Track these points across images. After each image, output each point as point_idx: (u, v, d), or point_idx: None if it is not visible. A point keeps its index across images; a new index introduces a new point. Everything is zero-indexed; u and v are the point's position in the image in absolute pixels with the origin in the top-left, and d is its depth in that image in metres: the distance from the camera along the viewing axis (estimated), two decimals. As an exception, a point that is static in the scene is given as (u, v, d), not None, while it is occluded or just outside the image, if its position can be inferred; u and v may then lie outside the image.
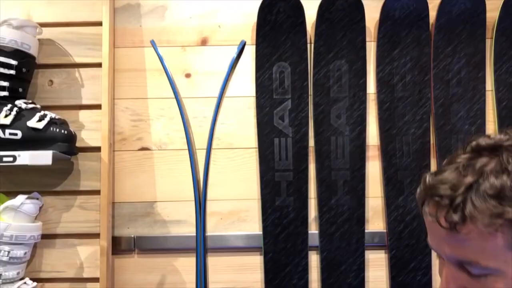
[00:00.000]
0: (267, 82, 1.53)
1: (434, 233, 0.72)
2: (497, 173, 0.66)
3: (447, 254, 0.71)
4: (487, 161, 0.68)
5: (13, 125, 1.33)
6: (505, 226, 0.65)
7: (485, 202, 0.65)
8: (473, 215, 0.65)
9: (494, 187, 0.65)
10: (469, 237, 0.67)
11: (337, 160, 1.52)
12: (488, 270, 0.68)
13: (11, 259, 1.32)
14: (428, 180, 0.72)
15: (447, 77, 1.52)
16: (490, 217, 0.65)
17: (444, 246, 0.71)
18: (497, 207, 0.64)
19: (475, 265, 0.68)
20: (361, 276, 1.50)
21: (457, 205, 0.66)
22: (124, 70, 1.56)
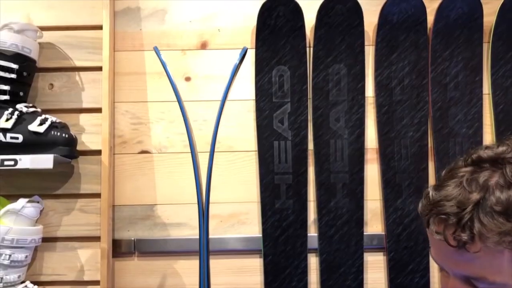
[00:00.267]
0: (266, 85, 1.55)
1: (440, 250, 0.73)
2: (502, 187, 0.67)
3: (453, 271, 0.72)
4: (490, 174, 0.69)
5: (14, 129, 1.33)
6: None
7: (493, 220, 0.65)
8: (482, 233, 0.66)
9: (501, 203, 0.66)
10: (477, 255, 0.67)
11: (336, 163, 1.54)
12: (495, 285, 0.68)
13: (12, 262, 1.32)
14: (431, 195, 0.72)
15: (445, 81, 1.54)
16: (499, 235, 0.65)
17: (451, 263, 0.71)
18: (505, 224, 0.65)
19: (482, 281, 0.69)
20: (360, 278, 1.52)
21: (465, 224, 0.66)
22: (124, 73, 1.57)
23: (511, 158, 0.69)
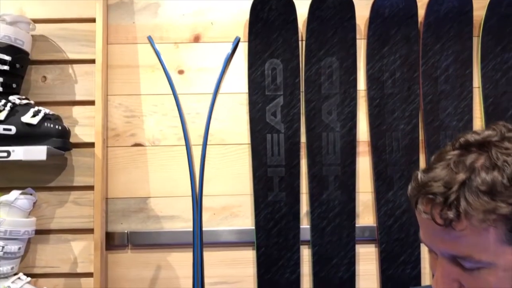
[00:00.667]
0: (259, 78, 1.56)
1: (428, 230, 0.74)
2: (487, 169, 0.69)
3: (441, 250, 0.73)
4: (477, 157, 0.70)
5: (7, 120, 1.33)
6: (498, 221, 0.67)
7: (478, 199, 0.67)
8: (468, 211, 0.67)
9: (486, 183, 0.67)
10: (463, 233, 0.69)
11: (328, 155, 1.55)
12: (481, 264, 0.70)
13: (5, 254, 1.32)
14: (420, 177, 0.74)
15: (436, 74, 1.56)
16: (484, 213, 0.67)
17: (438, 242, 0.73)
18: (490, 203, 0.67)
19: (468, 259, 0.70)
20: (352, 270, 1.53)
21: (451, 202, 0.68)
22: (117, 66, 1.57)
23: (496, 141, 0.71)
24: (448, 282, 0.74)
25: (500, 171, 0.68)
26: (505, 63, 1.55)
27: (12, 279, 1.35)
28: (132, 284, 1.53)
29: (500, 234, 0.68)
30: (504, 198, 0.67)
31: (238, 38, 1.25)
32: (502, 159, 0.69)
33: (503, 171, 0.68)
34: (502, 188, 0.67)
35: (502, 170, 0.68)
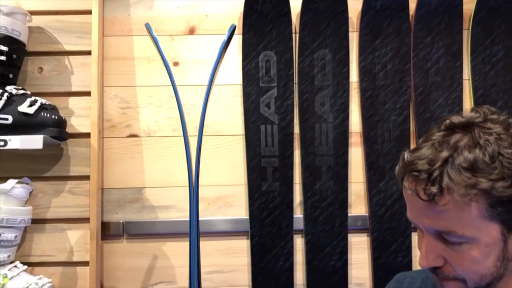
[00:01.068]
0: (253, 70, 1.58)
1: (414, 206, 0.77)
2: (470, 147, 0.71)
3: (425, 225, 0.76)
4: (461, 137, 0.73)
5: (4, 110, 1.35)
6: (479, 196, 0.70)
7: (460, 174, 0.70)
8: (450, 186, 0.70)
9: (468, 160, 0.70)
10: (446, 208, 0.71)
11: (321, 146, 1.57)
12: (464, 239, 0.73)
13: (2, 242, 1.33)
14: (406, 157, 0.76)
15: (426, 66, 1.58)
16: (465, 188, 0.70)
17: (423, 218, 0.75)
18: (471, 178, 0.69)
19: (452, 234, 0.73)
20: (344, 258, 1.56)
21: (434, 178, 0.71)
22: (113, 58, 1.59)
23: (480, 122, 0.74)
24: (433, 258, 0.76)
25: (481, 149, 0.71)
26: (494, 56, 1.58)
27: (8, 267, 1.36)
28: (128, 273, 1.55)
29: (481, 210, 0.71)
30: (485, 174, 0.70)
31: (234, 25, 1.28)
32: (484, 138, 0.72)
33: (485, 150, 0.71)
34: (483, 165, 0.70)
35: (484, 149, 0.71)
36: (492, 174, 0.70)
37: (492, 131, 0.73)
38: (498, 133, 0.73)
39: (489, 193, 0.70)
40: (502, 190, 0.70)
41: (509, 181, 0.70)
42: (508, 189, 0.70)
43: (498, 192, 0.70)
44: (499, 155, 0.71)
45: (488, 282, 0.76)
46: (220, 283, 1.56)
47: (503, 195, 0.70)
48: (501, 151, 0.71)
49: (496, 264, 0.75)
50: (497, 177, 0.70)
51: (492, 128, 0.73)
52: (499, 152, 0.71)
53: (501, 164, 0.70)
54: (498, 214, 0.71)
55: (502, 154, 0.71)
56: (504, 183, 0.70)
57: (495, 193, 0.70)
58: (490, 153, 0.71)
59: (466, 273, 0.75)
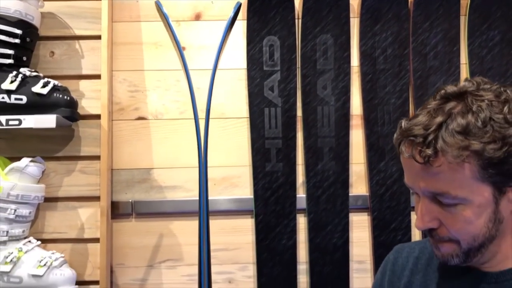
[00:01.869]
0: (257, 55, 1.63)
1: (410, 171, 0.82)
2: (463, 113, 0.76)
3: (421, 188, 0.81)
4: (455, 105, 0.78)
5: (18, 90, 1.40)
6: (471, 157, 0.75)
7: (453, 137, 0.75)
8: (444, 148, 0.75)
9: (461, 125, 0.75)
10: (440, 169, 0.76)
11: (323, 128, 1.63)
12: (457, 200, 0.78)
13: (17, 217, 1.39)
14: (403, 124, 0.81)
15: (425, 50, 1.64)
16: (458, 149, 0.75)
17: (419, 180, 0.80)
18: (464, 141, 0.74)
19: (446, 196, 0.78)
20: (345, 237, 1.61)
21: (429, 142, 0.76)
22: (121, 43, 1.64)
23: (473, 91, 0.79)
24: (429, 220, 0.81)
25: (474, 115, 0.76)
26: (491, 40, 1.63)
27: (23, 241, 1.42)
28: (136, 251, 1.61)
29: (474, 171, 0.76)
30: (477, 137, 0.74)
31: (240, 3, 1.33)
32: (476, 104, 0.77)
33: (477, 115, 0.76)
34: (476, 129, 0.75)
35: (477, 114, 0.76)
36: (484, 137, 0.74)
37: (484, 98, 0.78)
38: (490, 100, 0.77)
39: (481, 154, 0.75)
40: (493, 152, 0.74)
41: (499, 143, 0.75)
42: (498, 151, 0.74)
43: (489, 153, 0.74)
44: (490, 120, 0.76)
45: (481, 243, 0.81)
46: (225, 261, 1.62)
47: (493, 156, 0.74)
48: (492, 116, 0.76)
49: (488, 225, 0.79)
50: (489, 140, 0.74)
51: (484, 95, 0.78)
52: (491, 117, 0.76)
53: (492, 128, 0.75)
54: (490, 176, 0.76)
55: (493, 119, 0.76)
56: (494, 146, 0.74)
57: (486, 154, 0.74)
58: (482, 118, 0.75)
59: (459, 233, 0.80)
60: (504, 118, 0.76)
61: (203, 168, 1.51)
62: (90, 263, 1.54)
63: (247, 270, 1.62)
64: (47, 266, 1.37)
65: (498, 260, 0.85)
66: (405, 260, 0.99)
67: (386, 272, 1.02)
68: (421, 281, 0.95)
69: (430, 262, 0.95)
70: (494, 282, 0.85)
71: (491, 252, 0.83)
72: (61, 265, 1.41)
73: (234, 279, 1.62)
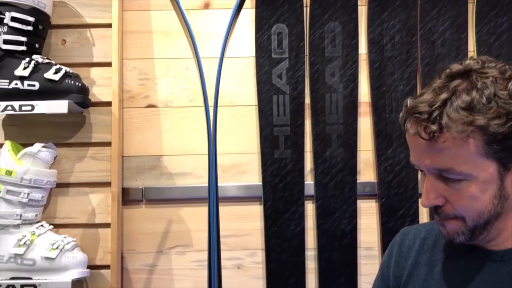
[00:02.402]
0: (266, 43, 1.65)
1: (416, 148, 0.83)
2: (468, 90, 0.77)
3: (427, 165, 0.81)
4: (460, 83, 0.79)
5: (31, 77, 1.43)
6: (475, 133, 0.76)
7: (458, 113, 0.76)
8: (448, 124, 0.76)
9: (466, 101, 0.76)
10: (445, 145, 0.77)
11: (331, 115, 1.64)
12: (462, 175, 0.78)
13: (30, 201, 1.41)
14: (409, 103, 0.82)
15: (433, 38, 1.64)
16: (463, 125, 0.75)
17: (425, 157, 0.81)
18: (468, 117, 0.75)
19: (451, 172, 0.79)
20: (353, 223, 1.62)
21: (434, 118, 0.77)
22: (131, 32, 1.66)
23: (478, 68, 0.80)
24: (434, 197, 0.82)
25: (479, 92, 0.76)
26: (499, 27, 1.63)
27: (36, 225, 1.44)
28: (146, 237, 1.63)
29: (478, 147, 0.76)
30: (481, 113, 0.75)
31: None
32: (481, 81, 0.77)
33: (482, 92, 0.76)
34: (480, 105, 0.76)
35: (481, 91, 0.77)
36: (488, 113, 0.75)
37: (489, 75, 0.78)
38: (495, 77, 0.78)
39: (485, 130, 0.75)
40: (497, 127, 0.75)
41: (503, 119, 0.75)
42: (503, 127, 0.75)
43: (494, 129, 0.75)
44: (495, 96, 0.76)
45: (486, 220, 0.81)
46: (234, 247, 1.63)
47: (498, 131, 0.75)
48: (497, 92, 0.76)
49: (494, 202, 0.80)
50: (493, 116, 0.75)
51: (489, 72, 0.79)
52: (495, 94, 0.76)
53: (496, 104, 0.76)
54: (494, 151, 0.77)
55: (498, 96, 0.76)
56: (499, 121, 0.75)
57: (490, 129, 0.75)
58: (486, 94, 0.76)
59: (465, 210, 0.81)
60: (508, 94, 0.77)
61: (212, 155, 1.54)
62: (101, 248, 1.56)
63: (255, 256, 1.63)
64: (59, 249, 1.40)
65: (503, 238, 0.85)
66: (412, 241, 1.00)
67: (393, 253, 1.03)
68: (428, 261, 0.95)
69: (437, 243, 0.96)
70: (500, 260, 0.85)
71: (497, 230, 0.84)
72: (73, 249, 1.44)
73: (243, 265, 1.63)
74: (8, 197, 1.39)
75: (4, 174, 1.38)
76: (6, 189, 1.39)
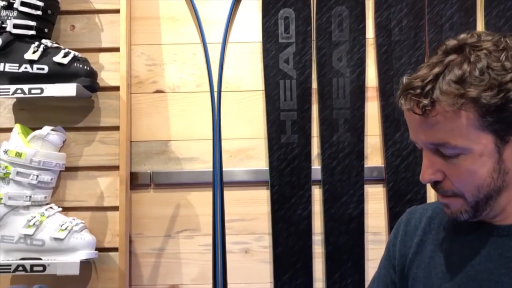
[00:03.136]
0: (273, 27, 1.65)
1: (412, 125, 0.83)
2: (460, 64, 0.77)
3: (423, 141, 0.82)
4: (454, 57, 0.78)
5: (40, 60, 1.45)
6: (467, 105, 0.75)
7: (449, 87, 0.76)
8: (439, 98, 0.76)
9: (457, 75, 0.76)
10: (437, 119, 0.77)
11: (338, 100, 1.64)
12: (458, 149, 0.78)
13: (39, 183, 1.43)
14: (404, 81, 0.82)
15: (441, 21, 1.63)
16: (454, 97, 0.75)
17: (420, 133, 0.81)
18: (459, 89, 0.75)
19: (446, 146, 0.78)
20: (360, 207, 1.61)
21: (426, 92, 0.77)
22: (139, 18, 1.68)
23: (472, 42, 0.79)
24: (432, 172, 0.82)
25: (471, 65, 0.76)
26: (508, 10, 1.62)
27: (45, 207, 1.46)
28: (154, 221, 1.64)
29: (471, 119, 0.76)
30: (473, 86, 0.75)
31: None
32: (474, 54, 0.77)
33: (475, 65, 0.76)
34: (472, 78, 0.75)
35: (474, 64, 0.76)
36: (480, 85, 0.75)
37: (483, 48, 0.78)
38: (489, 49, 0.77)
39: (477, 101, 0.75)
40: (489, 98, 0.74)
41: (495, 90, 0.75)
42: (495, 98, 0.74)
43: (486, 100, 0.74)
44: (488, 68, 0.76)
45: (486, 195, 0.81)
46: (241, 231, 1.64)
47: (490, 103, 0.74)
48: (490, 65, 0.76)
49: (493, 175, 0.79)
50: (485, 88, 0.75)
51: (483, 45, 0.78)
52: (488, 66, 0.76)
53: (489, 76, 0.75)
54: (489, 124, 0.76)
55: (491, 68, 0.76)
56: (491, 92, 0.74)
57: (483, 101, 0.74)
58: (479, 67, 0.75)
59: (463, 185, 0.81)
60: (501, 66, 0.76)
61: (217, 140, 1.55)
62: (109, 231, 1.58)
63: (263, 240, 1.64)
64: (68, 230, 1.42)
65: (509, 213, 0.85)
66: (418, 220, 1.00)
67: (399, 232, 1.02)
68: (434, 239, 0.95)
69: (443, 221, 0.96)
70: (506, 235, 0.85)
71: (501, 205, 0.84)
72: (81, 230, 1.45)
73: (250, 249, 1.64)
74: (18, 178, 1.41)
75: (14, 156, 1.40)
76: (16, 170, 1.40)
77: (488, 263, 0.84)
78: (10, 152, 1.40)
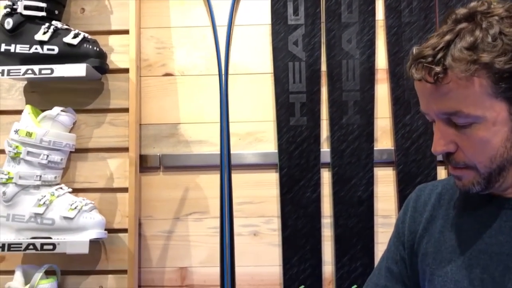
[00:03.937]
0: (282, 9, 1.64)
1: (423, 95, 0.82)
2: (472, 31, 0.76)
3: (435, 111, 0.80)
4: (466, 25, 0.77)
5: (51, 41, 1.46)
6: (480, 71, 0.74)
7: (461, 53, 0.74)
8: (452, 65, 0.75)
9: (470, 42, 0.75)
10: (450, 87, 0.76)
11: (348, 82, 1.63)
12: (471, 118, 0.77)
13: (50, 163, 1.44)
14: (414, 50, 0.81)
15: (451, 3, 1.61)
16: (467, 63, 0.74)
17: (432, 103, 0.80)
18: (472, 55, 0.74)
19: (459, 114, 0.77)
20: (370, 190, 1.60)
21: (438, 60, 0.76)
22: (149, 0, 1.68)
23: (483, 9, 0.78)
24: (444, 143, 0.81)
25: (483, 31, 0.75)
26: (521, -10, 1.59)
27: (55, 187, 1.47)
28: (164, 204, 1.65)
29: (484, 86, 0.75)
30: (486, 51, 0.74)
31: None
32: (486, 21, 0.76)
33: (487, 31, 0.75)
34: (485, 44, 0.74)
35: (486, 30, 0.75)
36: (493, 51, 0.74)
37: (495, 14, 0.77)
38: (501, 16, 0.76)
39: (490, 67, 0.74)
40: (503, 64, 0.73)
41: (509, 55, 0.73)
42: (509, 63, 0.73)
43: (499, 65, 0.73)
44: (500, 34, 0.75)
45: (499, 165, 0.79)
46: (250, 214, 1.64)
47: (504, 68, 0.73)
48: (503, 31, 0.75)
49: (506, 145, 0.78)
50: (498, 53, 0.74)
51: (495, 12, 0.77)
52: (501, 32, 0.75)
53: (502, 42, 0.74)
54: (503, 91, 0.75)
55: (504, 33, 0.75)
56: (504, 57, 0.73)
57: (496, 66, 0.73)
58: (492, 33, 0.74)
59: (476, 155, 0.79)
60: None
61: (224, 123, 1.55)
62: (119, 212, 1.59)
63: (271, 223, 1.63)
64: (77, 209, 1.43)
65: (520, 185, 0.84)
66: (428, 196, 1.00)
67: (408, 209, 1.02)
68: (444, 215, 0.94)
69: (453, 196, 0.95)
70: (517, 207, 0.84)
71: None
72: (91, 210, 1.46)
73: (259, 232, 1.64)
74: (28, 158, 1.42)
75: (25, 135, 1.41)
76: (26, 150, 1.42)
77: (499, 235, 0.83)
78: (20, 132, 1.41)
